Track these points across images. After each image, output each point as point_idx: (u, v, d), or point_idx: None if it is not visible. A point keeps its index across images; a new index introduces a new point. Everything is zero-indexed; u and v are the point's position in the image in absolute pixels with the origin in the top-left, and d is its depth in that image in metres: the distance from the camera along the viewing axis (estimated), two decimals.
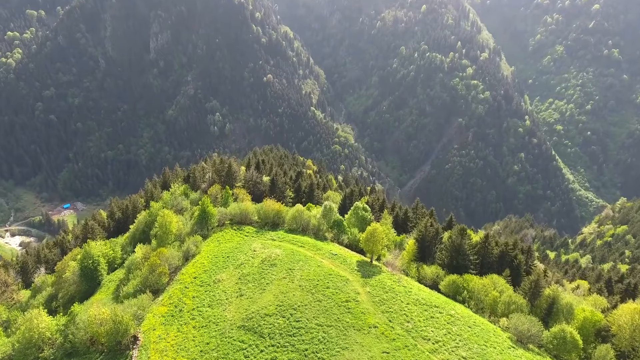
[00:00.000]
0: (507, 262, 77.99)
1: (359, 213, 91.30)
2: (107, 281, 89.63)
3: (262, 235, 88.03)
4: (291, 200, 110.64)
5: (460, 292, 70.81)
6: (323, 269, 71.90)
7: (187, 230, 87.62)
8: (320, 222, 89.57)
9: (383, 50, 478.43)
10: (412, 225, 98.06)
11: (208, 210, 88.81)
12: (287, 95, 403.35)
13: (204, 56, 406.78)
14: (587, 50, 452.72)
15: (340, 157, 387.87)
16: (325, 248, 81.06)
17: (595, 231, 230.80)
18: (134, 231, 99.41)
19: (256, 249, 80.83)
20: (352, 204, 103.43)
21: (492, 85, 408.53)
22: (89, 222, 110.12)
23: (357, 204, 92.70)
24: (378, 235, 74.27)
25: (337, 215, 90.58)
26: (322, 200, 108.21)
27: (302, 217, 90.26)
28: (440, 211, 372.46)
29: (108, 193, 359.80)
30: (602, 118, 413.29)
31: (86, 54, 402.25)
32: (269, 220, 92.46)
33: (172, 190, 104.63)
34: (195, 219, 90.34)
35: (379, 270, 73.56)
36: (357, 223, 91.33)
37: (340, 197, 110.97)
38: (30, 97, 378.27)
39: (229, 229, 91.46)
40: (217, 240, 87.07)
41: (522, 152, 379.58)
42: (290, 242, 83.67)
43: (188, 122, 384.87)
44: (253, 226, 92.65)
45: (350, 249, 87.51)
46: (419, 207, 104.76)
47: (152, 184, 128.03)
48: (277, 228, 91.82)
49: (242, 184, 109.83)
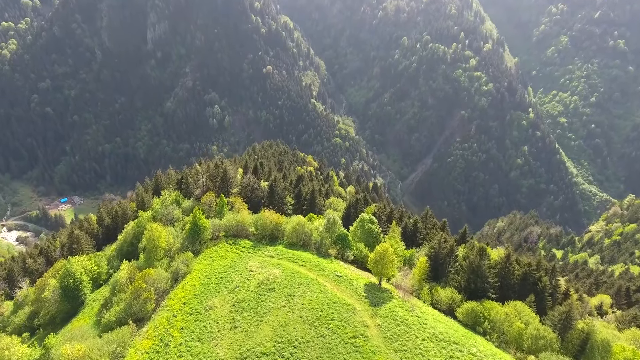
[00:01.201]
0: (530, 285, 69.77)
1: (365, 226, 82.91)
2: (91, 300, 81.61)
3: (260, 250, 79.70)
4: (291, 207, 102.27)
5: (480, 322, 62.64)
6: (327, 296, 63.65)
7: (177, 246, 79.23)
8: (323, 235, 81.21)
9: (385, 41, 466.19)
10: (421, 237, 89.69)
11: (200, 223, 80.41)
12: (287, 87, 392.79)
13: (202, 47, 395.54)
14: (592, 41, 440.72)
15: (341, 150, 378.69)
16: (328, 267, 72.76)
17: (602, 229, 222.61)
18: (121, 243, 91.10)
19: (253, 269, 72.58)
20: (357, 213, 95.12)
21: (496, 77, 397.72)
22: (75, 231, 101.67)
23: (362, 215, 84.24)
24: (388, 257, 65.90)
25: (341, 228, 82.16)
26: (324, 208, 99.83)
27: (303, 230, 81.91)
28: (442, 205, 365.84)
29: (106, 187, 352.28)
30: (606, 110, 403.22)
31: (82, 44, 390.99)
32: (267, 232, 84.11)
33: (163, 198, 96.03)
34: (186, 232, 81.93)
35: (389, 296, 65.31)
36: (363, 237, 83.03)
37: (344, 204, 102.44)
38: (26, 89, 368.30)
39: (223, 243, 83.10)
40: (210, 257, 78.78)
41: (525, 145, 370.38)
42: (290, 260, 75.35)
43: (186, 115, 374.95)
44: (250, 239, 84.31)
45: (356, 265, 79.40)
46: (429, 216, 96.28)
47: (143, 188, 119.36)
48: (276, 242, 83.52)
49: (239, 190, 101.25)
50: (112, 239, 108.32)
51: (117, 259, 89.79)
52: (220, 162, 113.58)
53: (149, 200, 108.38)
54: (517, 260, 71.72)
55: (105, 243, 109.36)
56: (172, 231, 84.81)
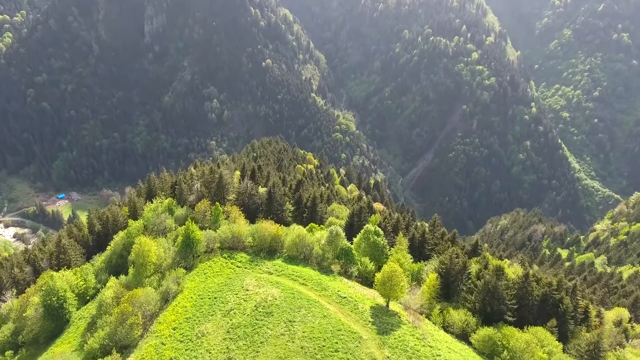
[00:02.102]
0: (550, 306, 63.81)
1: (370, 238, 76.76)
2: (76, 318, 75.62)
3: (257, 266, 73.56)
4: (291, 214, 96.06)
5: (498, 352, 56.71)
6: (330, 322, 57.62)
7: (168, 261, 73.06)
8: (325, 249, 75.02)
9: (385, 34, 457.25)
10: (429, 248, 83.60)
11: (193, 236, 74.22)
12: (286, 81, 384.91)
13: (200, 40, 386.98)
14: (596, 35, 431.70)
15: (341, 145, 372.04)
16: (331, 286, 66.63)
17: (608, 228, 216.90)
18: (110, 255, 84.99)
19: (249, 287, 66.48)
20: (360, 222, 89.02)
21: (498, 70, 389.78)
22: (63, 239, 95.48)
23: (367, 227, 78.03)
24: (397, 278, 59.78)
25: (345, 241, 75.97)
26: (325, 215, 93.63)
27: (304, 242, 75.77)
28: (443, 201, 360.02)
29: (103, 183, 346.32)
30: (609, 105, 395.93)
31: (79, 38, 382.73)
32: (265, 245, 77.93)
33: (154, 206, 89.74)
34: (178, 245, 75.76)
35: (398, 321, 59.30)
36: (368, 250, 76.90)
37: (347, 211, 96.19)
38: (22, 84, 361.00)
39: (218, 256, 76.90)
40: (204, 273, 72.66)
41: (527, 140, 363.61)
42: (289, 278, 69.24)
43: (185, 109, 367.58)
44: (247, 252, 78.11)
45: (361, 281, 73.40)
46: (437, 224, 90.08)
47: (136, 193, 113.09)
48: (275, 255, 77.34)
49: (235, 196, 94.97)
50: (103, 246, 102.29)
51: (105, 272, 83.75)
52: (216, 166, 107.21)
53: (141, 206, 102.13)
54: (537, 279, 65.64)
55: (96, 251, 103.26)
56: (163, 243, 78.61)
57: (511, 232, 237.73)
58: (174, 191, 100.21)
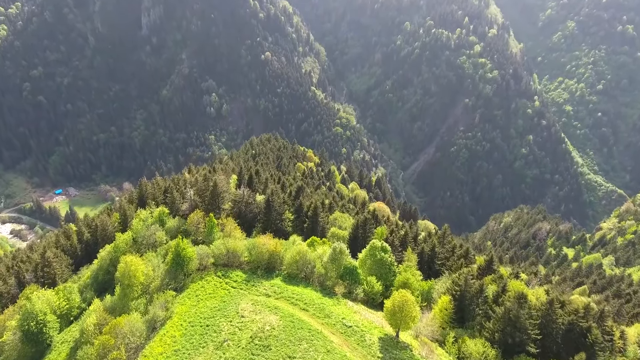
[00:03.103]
0: (577, 335, 57.36)
1: (377, 255, 70.15)
2: (59, 342, 69.23)
3: (254, 286, 67.00)
4: (291, 223, 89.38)
5: None
6: (335, 358, 51.17)
7: (156, 283, 66.45)
8: (328, 268, 68.52)
9: (387, 26, 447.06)
10: (440, 263, 77.12)
11: (184, 254, 67.54)
12: (286, 75, 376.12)
13: (198, 33, 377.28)
14: (600, 27, 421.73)
15: (341, 139, 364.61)
16: (335, 313, 60.16)
17: (615, 227, 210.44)
18: (97, 270, 78.46)
19: (245, 314, 59.92)
20: (365, 234, 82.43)
21: (501, 63, 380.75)
22: (48, 251, 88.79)
23: (374, 242, 71.32)
24: (408, 308, 53.23)
25: (349, 258, 69.38)
26: (327, 226, 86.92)
27: (305, 259, 69.22)
28: (445, 195, 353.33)
29: (101, 178, 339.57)
30: (613, 98, 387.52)
31: (74, 30, 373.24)
32: (263, 262, 71.40)
33: (144, 217, 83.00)
34: (168, 263, 69.10)
35: (410, 356, 52.89)
36: (374, 268, 70.36)
37: (350, 220, 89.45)
38: (17, 77, 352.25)
39: (211, 274, 70.33)
40: (196, 295, 66.09)
41: (530, 134, 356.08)
42: (289, 302, 62.74)
43: (183, 103, 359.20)
44: (243, 270, 71.55)
45: (367, 304, 67.00)
46: (447, 235, 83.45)
47: (127, 198, 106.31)
48: (273, 273, 70.88)
49: (231, 205, 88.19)
50: (92, 255, 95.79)
51: (91, 290, 77.39)
52: (212, 170, 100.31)
53: (131, 214, 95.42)
54: (562, 304, 59.08)
55: (84, 261, 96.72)
56: (152, 259, 71.99)
57: (515, 230, 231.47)
58: (166, 198, 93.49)
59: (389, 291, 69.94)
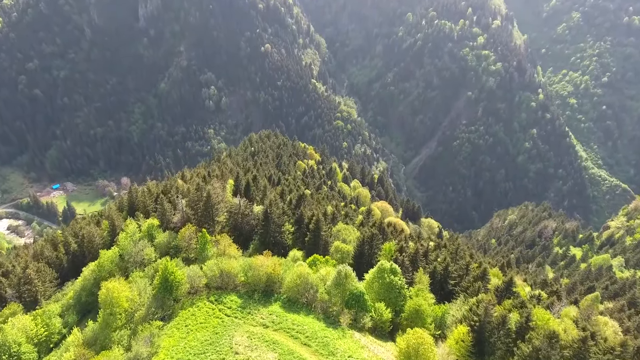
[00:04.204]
0: None
1: (386, 278, 63.03)
2: None
3: (250, 314, 59.97)
4: (291, 235, 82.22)
5: None
6: None
7: (141, 312, 59.34)
8: (332, 293, 61.47)
9: (388, 17, 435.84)
10: (453, 283, 70.06)
11: (172, 279, 60.39)
12: (286, 67, 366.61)
13: (197, 24, 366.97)
14: (606, 18, 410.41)
15: (342, 133, 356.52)
16: (341, 348, 53.19)
17: (623, 225, 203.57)
18: (80, 291, 71.44)
19: (239, 349, 52.95)
20: (371, 250, 75.29)
21: (504, 55, 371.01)
22: (30, 267, 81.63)
23: (382, 263, 64.09)
24: (425, 352, 46.21)
25: (355, 281, 62.24)
26: (330, 239, 79.74)
27: (306, 283, 62.13)
28: (447, 190, 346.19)
29: (99, 173, 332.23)
30: (618, 91, 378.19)
31: (71, 22, 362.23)
32: (260, 285, 64.32)
33: (131, 231, 75.80)
34: (156, 288, 61.98)
35: None
36: (382, 292, 63.26)
37: (355, 232, 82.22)
38: (13, 70, 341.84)
39: (203, 299, 63.26)
40: (185, 325, 58.99)
41: (534, 127, 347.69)
42: (289, 334, 55.74)
43: (181, 96, 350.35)
44: (238, 293, 64.45)
45: (375, 333, 60.09)
46: (460, 250, 76.28)
47: (117, 205, 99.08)
48: (272, 297, 63.84)
49: (227, 217, 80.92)
50: (80, 266, 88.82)
51: (73, 312, 70.44)
52: (205, 177, 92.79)
53: (120, 224, 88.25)
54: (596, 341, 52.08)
55: (71, 273, 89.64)
56: (138, 280, 64.96)
57: (520, 228, 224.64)
58: (158, 207, 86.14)
59: (399, 317, 63.27)
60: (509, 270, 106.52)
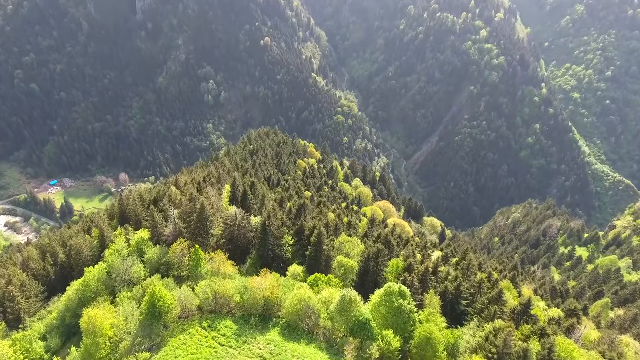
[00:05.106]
0: None
1: (394, 302, 57.38)
2: None
3: (246, 343, 54.46)
4: (290, 248, 76.57)
5: None
6: None
7: (126, 343, 53.76)
8: (335, 319, 55.95)
9: (389, 10, 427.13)
10: (465, 303, 64.52)
11: (160, 305, 54.75)
12: (286, 61, 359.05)
13: (195, 17, 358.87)
14: (610, 11, 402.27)
15: (343, 128, 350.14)
16: None
17: (630, 225, 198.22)
18: (64, 312, 65.89)
19: None
20: (377, 267, 69.62)
21: (507, 49, 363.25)
22: (12, 283, 75.85)
23: (389, 286, 58.34)
24: None
25: (360, 306, 56.66)
26: (333, 254, 74.04)
27: (308, 307, 56.57)
28: (448, 186, 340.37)
29: (97, 168, 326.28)
30: (622, 85, 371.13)
31: (67, 15, 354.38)
32: (257, 308, 58.76)
33: (119, 246, 70.09)
34: (143, 314, 56.38)
35: None
36: (390, 317, 57.62)
37: (360, 246, 76.55)
38: (9, 64, 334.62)
39: (195, 325, 57.65)
40: (175, 357, 53.36)
41: (537, 122, 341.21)
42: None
43: (180, 91, 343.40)
44: (233, 317, 58.89)
45: None
46: (472, 266, 70.68)
47: (107, 214, 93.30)
48: (269, 322, 58.30)
49: (222, 229, 75.17)
50: (68, 278, 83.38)
51: (57, 335, 64.87)
52: (200, 184, 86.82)
53: (109, 234, 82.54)
54: None
55: (59, 285, 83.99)
56: (125, 303, 59.39)
57: (524, 227, 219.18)
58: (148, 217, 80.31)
59: (408, 345, 57.72)
60: (520, 281, 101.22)
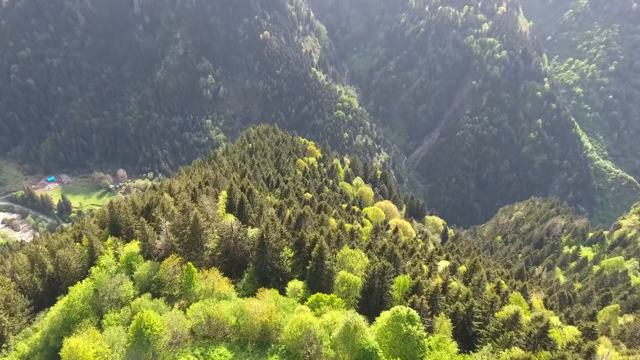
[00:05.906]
0: None
1: (403, 328, 52.60)
2: None
3: None
4: (290, 262, 71.73)
5: None
6: None
7: None
8: (339, 348, 51.22)
9: (390, 3, 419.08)
10: (478, 325, 59.80)
11: (148, 333, 49.97)
12: (285, 55, 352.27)
13: (193, 11, 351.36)
14: (614, 4, 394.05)
15: (343, 123, 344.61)
16: None
17: (636, 224, 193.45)
18: (48, 333, 61.21)
19: None
20: (383, 284, 64.73)
21: (510, 43, 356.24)
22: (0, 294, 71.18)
23: (397, 310, 53.53)
24: None
25: (366, 335, 51.88)
26: (335, 268, 69.17)
27: (309, 334, 51.84)
28: (450, 182, 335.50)
29: (95, 164, 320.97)
30: (626, 80, 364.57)
31: (63, 8, 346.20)
32: (255, 335, 54.07)
33: (107, 263, 65.26)
34: (130, 341, 51.67)
35: None
36: (398, 344, 52.90)
37: (364, 259, 71.74)
38: (4, 59, 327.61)
39: (187, 353, 53.04)
40: None
41: (539, 118, 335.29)
42: None
43: (178, 85, 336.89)
44: (228, 343, 54.29)
45: None
46: (482, 282, 65.91)
47: (98, 221, 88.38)
48: (267, 349, 53.70)
49: (218, 242, 70.29)
50: (56, 291, 78.91)
51: (41, 358, 60.28)
52: (194, 193, 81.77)
53: (99, 247, 77.61)
54: None
55: (48, 298, 79.31)
56: (112, 327, 54.70)
57: (527, 226, 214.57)
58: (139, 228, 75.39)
59: None
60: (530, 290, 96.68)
